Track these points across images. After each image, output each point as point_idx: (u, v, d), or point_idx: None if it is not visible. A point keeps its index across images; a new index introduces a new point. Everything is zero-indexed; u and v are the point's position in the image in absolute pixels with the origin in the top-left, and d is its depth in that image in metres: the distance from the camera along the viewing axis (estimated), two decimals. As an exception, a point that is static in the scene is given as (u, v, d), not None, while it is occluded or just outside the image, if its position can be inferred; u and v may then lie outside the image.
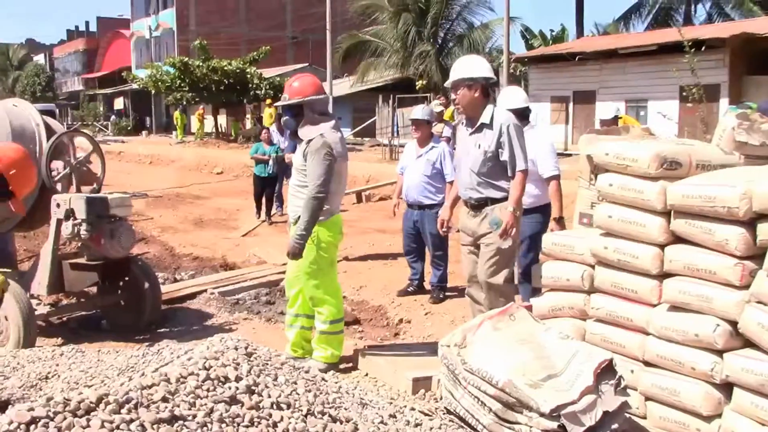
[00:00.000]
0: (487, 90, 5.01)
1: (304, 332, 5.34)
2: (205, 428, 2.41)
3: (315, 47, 41.92)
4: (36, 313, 6.03)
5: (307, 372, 3.62)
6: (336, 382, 3.83)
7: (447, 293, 7.43)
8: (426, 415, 3.96)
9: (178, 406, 2.46)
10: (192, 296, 7.69)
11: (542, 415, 3.42)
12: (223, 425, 2.46)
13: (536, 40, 34.37)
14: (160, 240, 11.59)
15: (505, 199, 4.93)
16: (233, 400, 2.64)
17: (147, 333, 6.34)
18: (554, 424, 3.38)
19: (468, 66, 5.07)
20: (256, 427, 2.55)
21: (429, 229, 7.23)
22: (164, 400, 2.46)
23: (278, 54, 40.47)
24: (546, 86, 23.89)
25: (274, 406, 2.74)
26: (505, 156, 4.91)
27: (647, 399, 3.92)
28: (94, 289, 6.83)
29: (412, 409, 4.02)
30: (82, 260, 6.24)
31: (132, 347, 5.62)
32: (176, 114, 35.98)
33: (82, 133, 6.78)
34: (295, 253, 4.91)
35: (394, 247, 9.54)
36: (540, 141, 5.98)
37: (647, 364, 3.92)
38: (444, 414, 3.99)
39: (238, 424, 2.52)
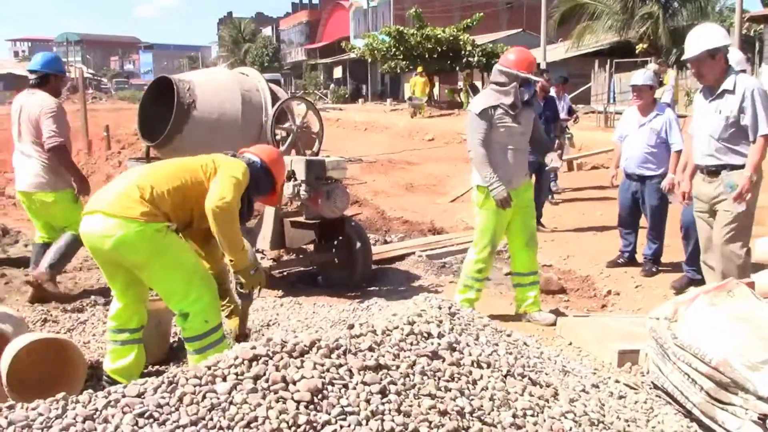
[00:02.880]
0: (727, 57, 4.97)
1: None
2: (407, 378, 2.52)
3: (529, 12, 40.98)
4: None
5: (509, 336, 3.64)
6: (538, 348, 3.81)
7: (660, 267, 7.09)
8: (631, 388, 3.84)
9: (383, 356, 2.59)
10: (401, 258, 7.94)
11: (760, 398, 3.20)
12: (425, 377, 2.56)
13: (776, -4, 31.19)
14: (372, 203, 12.03)
15: (744, 165, 4.89)
16: (435, 355, 2.73)
17: (358, 290, 6.66)
18: (774, 409, 3.15)
19: (708, 36, 4.95)
20: (456, 382, 2.62)
21: (649, 201, 6.92)
22: (370, 349, 2.60)
23: (491, 20, 40.04)
24: (785, 47, 21.72)
25: (474, 365, 2.79)
26: (746, 120, 4.83)
27: None
28: (312, 247, 7.28)
29: (617, 381, 3.92)
30: (301, 219, 6.67)
31: (344, 302, 5.95)
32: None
33: (303, 99, 7.18)
34: None
35: (605, 218, 9.23)
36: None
37: None
38: (650, 389, 3.85)
39: (439, 378, 2.61)
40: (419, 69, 30.95)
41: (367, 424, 2.24)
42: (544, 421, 2.65)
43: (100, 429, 2.04)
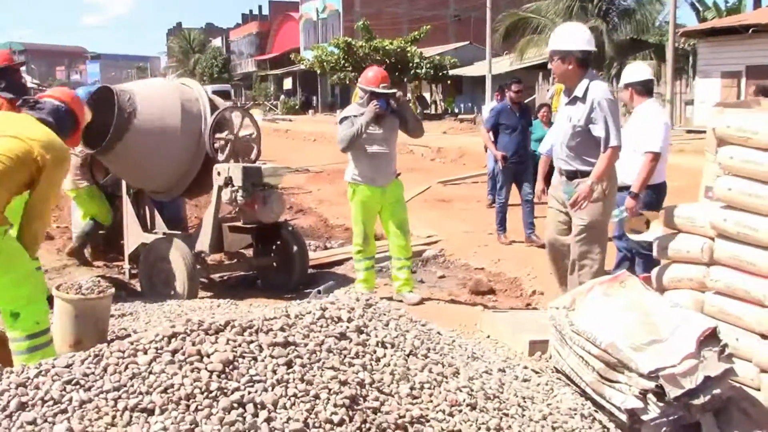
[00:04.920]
0: (584, 62, 4.90)
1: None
2: (313, 354, 2.81)
3: (476, 25, 41.67)
4: (198, 269, 6.77)
5: (423, 325, 3.95)
6: (450, 336, 4.13)
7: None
8: (535, 372, 4.19)
9: (293, 335, 2.88)
10: (339, 263, 8.24)
11: (641, 375, 3.57)
12: (330, 354, 2.86)
13: (710, 12, 32.37)
14: (316, 211, 12.31)
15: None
16: (342, 336, 3.03)
17: (295, 292, 6.92)
18: (652, 384, 3.52)
19: (563, 37, 4.98)
20: (360, 359, 2.92)
21: None
22: (282, 329, 2.89)
23: (439, 32, 40.76)
24: (716, 61, 22.62)
25: (379, 345, 3.10)
26: (598, 131, 4.84)
27: (762, 371, 3.94)
28: (251, 252, 7.53)
29: (525, 367, 4.26)
30: (239, 223, 6.93)
31: (280, 303, 6.20)
32: None
33: (240, 108, 7.44)
34: None
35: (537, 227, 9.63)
36: (654, 115, 5.81)
37: (764, 337, 3.93)
38: (553, 372, 4.20)
39: (345, 356, 2.91)
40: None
41: (272, 390, 2.54)
42: (440, 393, 2.96)
43: (31, 394, 2.30)
